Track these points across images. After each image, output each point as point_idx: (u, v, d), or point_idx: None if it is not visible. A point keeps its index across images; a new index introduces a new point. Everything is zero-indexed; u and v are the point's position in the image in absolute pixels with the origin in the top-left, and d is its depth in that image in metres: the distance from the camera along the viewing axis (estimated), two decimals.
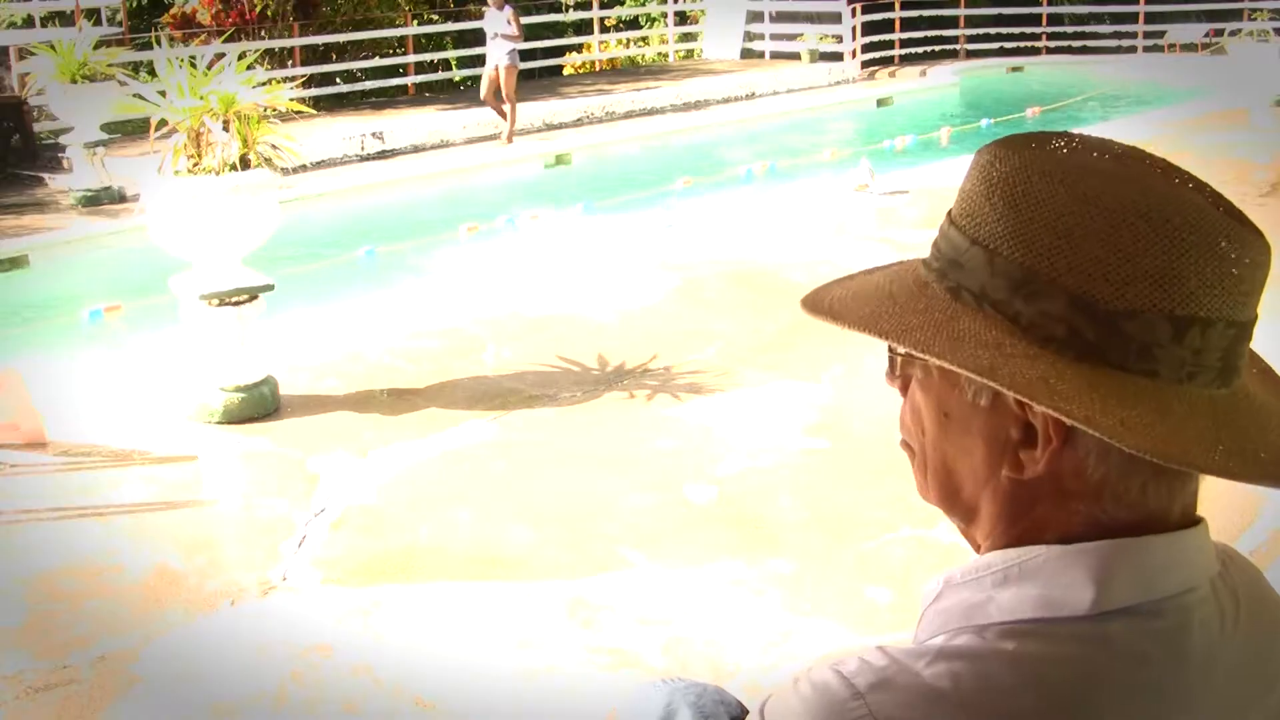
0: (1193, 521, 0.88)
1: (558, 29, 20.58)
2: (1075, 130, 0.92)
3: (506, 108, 13.97)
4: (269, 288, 5.89)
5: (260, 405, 5.83)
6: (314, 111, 11.89)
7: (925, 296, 0.89)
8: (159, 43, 7.93)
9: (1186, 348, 0.82)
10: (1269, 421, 0.86)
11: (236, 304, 5.77)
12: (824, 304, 0.94)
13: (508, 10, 13.78)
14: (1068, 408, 0.80)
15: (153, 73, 7.15)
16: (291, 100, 6.10)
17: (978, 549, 0.93)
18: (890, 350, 0.94)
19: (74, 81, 10.99)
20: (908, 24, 20.66)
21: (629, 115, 16.13)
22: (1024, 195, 0.85)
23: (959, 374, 0.87)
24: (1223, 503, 4.66)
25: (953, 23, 21.00)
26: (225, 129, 5.65)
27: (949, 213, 0.92)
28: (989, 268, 0.85)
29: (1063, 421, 0.82)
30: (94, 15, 15.05)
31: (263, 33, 16.23)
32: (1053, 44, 21.17)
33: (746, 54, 20.77)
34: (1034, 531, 0.88)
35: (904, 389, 0.96)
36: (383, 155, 13.58)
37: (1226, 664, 0.88)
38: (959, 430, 0.90)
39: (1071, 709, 0.82)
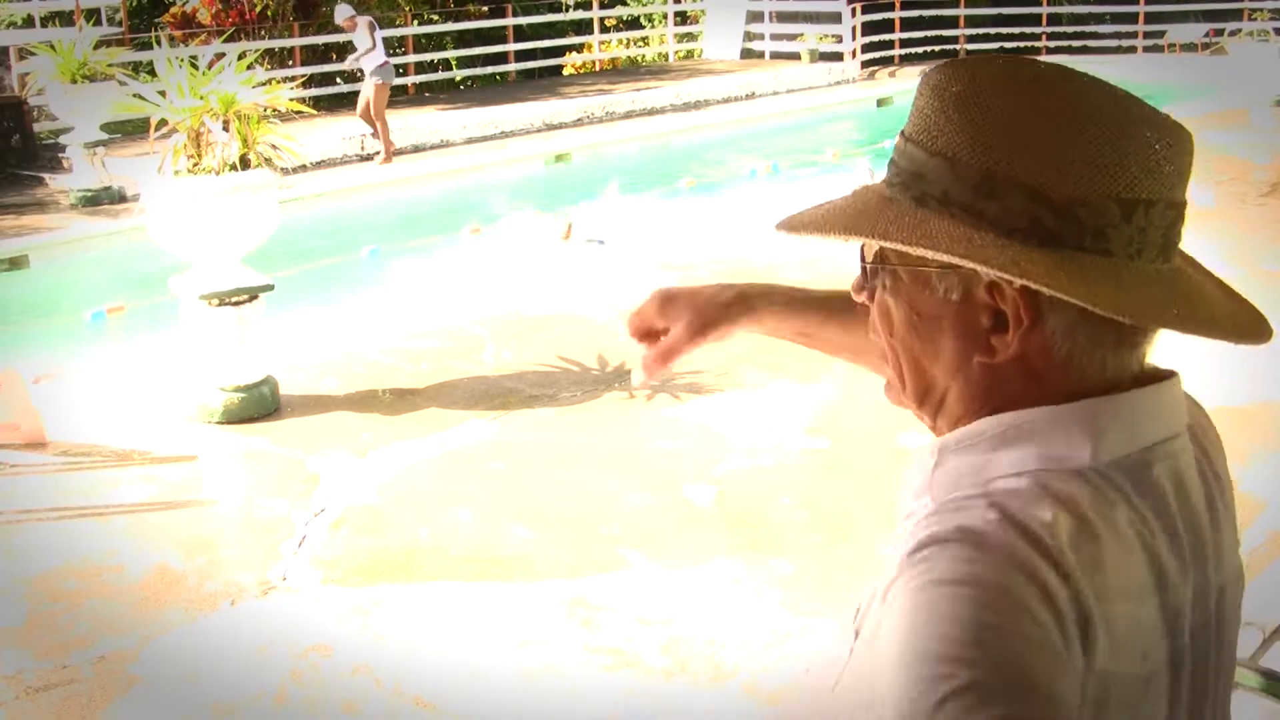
0: (1165, 375, 0.99)
1: (558, 29, 20.57)
2: None
3: (379, 128, 13.31)
4: (269, 288, 5.89)
5: (260, 405, 5.83)
6: (314, 111, 11.89)
7: (892, 207, 0.97)
8: (159, 43, 7.94)
9: (1134, 226, 0.92)
10: (1207, 292, 0.98)
11: (236, 304, 5.77)
12: (799, 224, 1.02)
13: (362, 25, 13.31)
14: (1042, 281, 0.89)
15: (153, 73, 7.15)
16: (291, 100, 6.10)
17: (940, 435, 1.01)
18: (862, 261, 1.02)
19: (74, 81, 11.00)
20: (908, 24, 20.66)
21: (629, 115, 16.13)
22: (977, 107, 0.94)
23: (929, 274, 0.96)
24: None
25: (953, 23, 20.99)
26: (225, 129, 5.65)
27: (902, 133, 1.00)
28: (951, 174, 0.94)
29: (1032, 303, 0.92)
30: (94, 15, 15.03)
31: (263, 33, 16.23)
32: (1053, 44, 21.16)
33: (746, 54, 20.76)
34: (1008, 405, 0.96)
35: (871, 297, 1.03)
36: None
37: (1198, 504, 0.99)
38: (930, 326, 0.98)
39: (1087, 533, 0.89)
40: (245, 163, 5.68)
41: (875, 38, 20.20)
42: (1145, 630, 0.92)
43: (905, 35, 20.59)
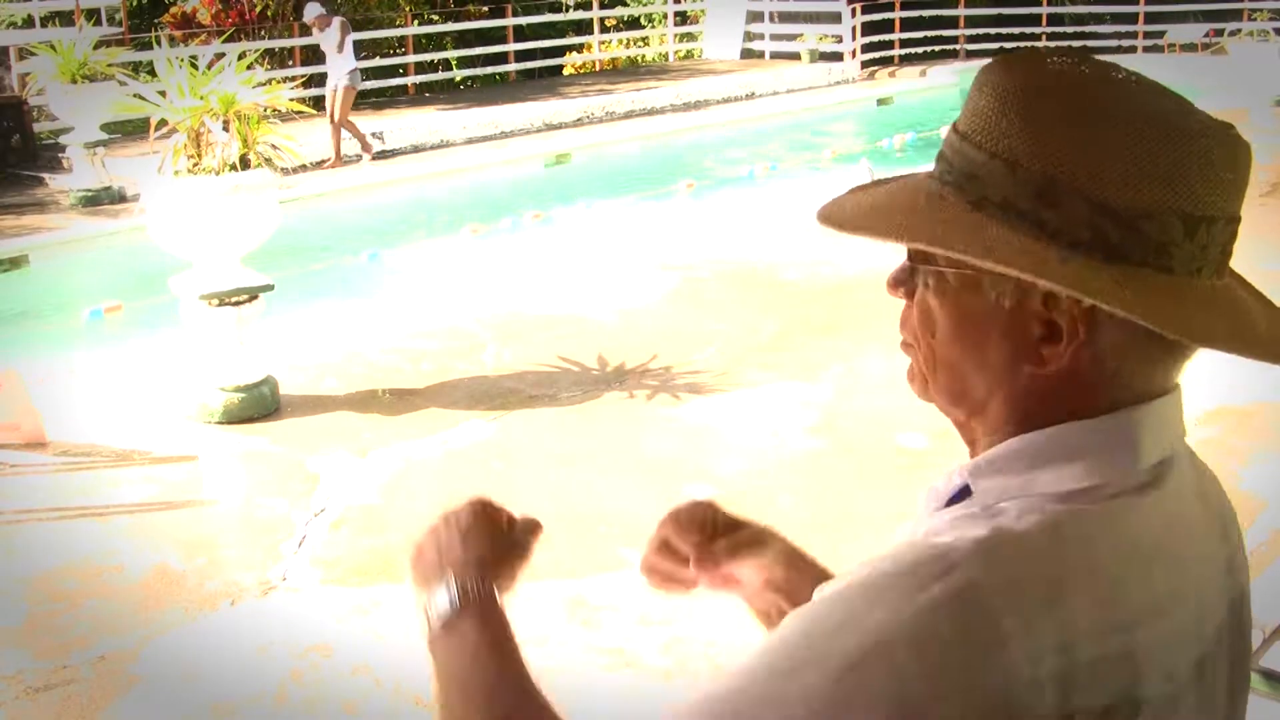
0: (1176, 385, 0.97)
1: (558, 29, 20.57)
2: None
3: (348, 131, 13.00)
4: (269, 288, 5.89)
5: (260, 405, 5.83)
6: (314, 111, 11.88)
7: (946, 207, 0.93)
8: (159, 43, 7.94)
9: (1196, 244, 0.90)
10: (1255, 309, 0.96)
11: (236, 304, 5.77)
12: (846, 219, 0.97)
13: (334, 25, 12.92)
14: (1110, 301, 0.86)
15: (153, 73, 7.14)
16: (291, 100, 6.10)
17: (974, 443, 0.98)
18: (910, 259, 0.97)
19: (74, 81, 10.99)
20: (908, 24, 20.65)
21: (629, 115, 16.12)
22: (1039, 108, 0.90)
23: (980, 279, 0.92)
24: None
25: (953, 23, 20.99)
26: (225, 129, 5.65)
27: (954, 127, 0.96)
28: (1011, 178, 0.90)
29: (1089, 317, 0.89)
30: (94, 15, 15.02)
31: (263, 33, 16.22)
32: (1053, 44, 21.12)
33: (746, 54, 20.75)
34: (1051, 415, 0.93)
35: (909, 295, 0.99)
36: (383, 155, 13.57)
37: (1209, 510, 0.99)
38: (977, 331, 0.94)
39: (1140, 554, 0.89)
40: (245, 163, 5.68)
41: (875, 38, 20.19)
42: (1174, 644, 0.90)
43: (905, 35, 20.58)
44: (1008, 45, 20.75)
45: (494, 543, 1.26)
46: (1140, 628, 0.87)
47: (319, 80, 16.15)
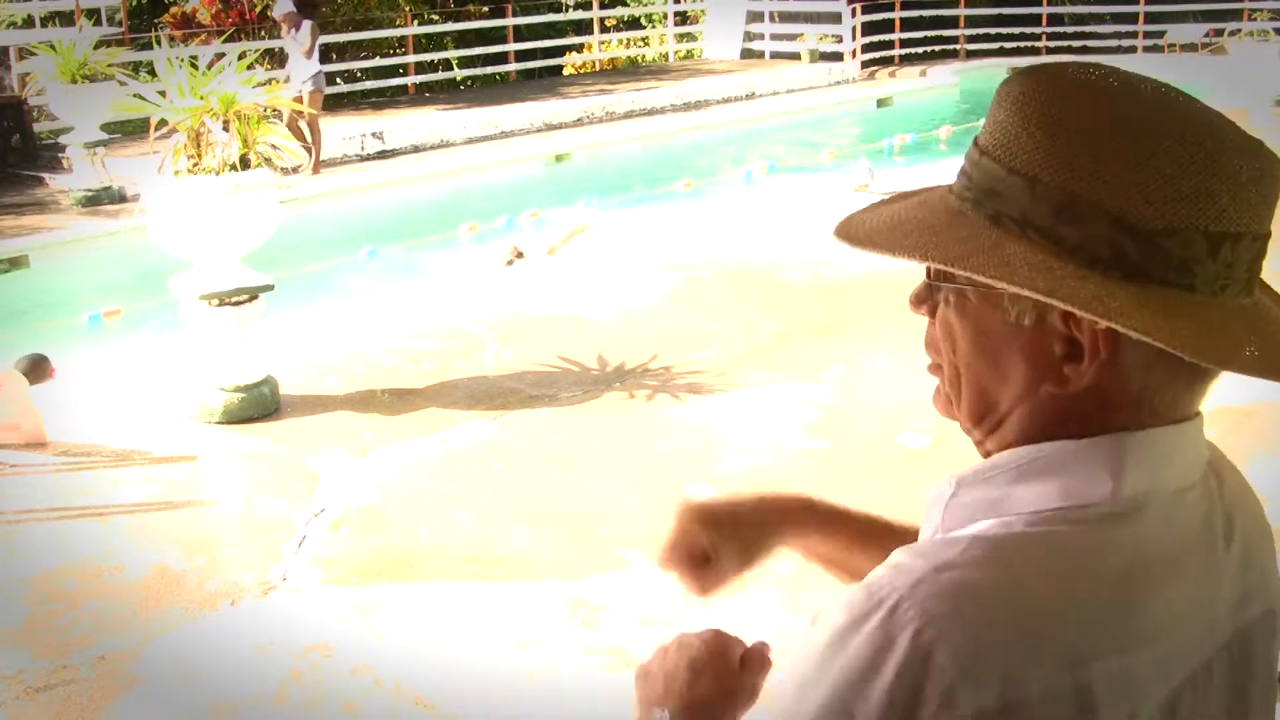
0: (1194, 413, 0.94)
1: (558, 29, 20.57)
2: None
3: (313, 136, 12.34)
4: (269, 288, 5.90)
5: (260, 405, 5.83)
6: (314, 111, 11.88)
7: (965, 224, 0.92)
8: (159, 43, 7.93)
9: (1220, 262, 0.87)
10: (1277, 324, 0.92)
11: (236, 304, 5.77)
12: (862, 236, 0.96)
13: (305, 28, 12.28)
14: (1127, 322, 0.84)
15: (153, 73, 7.14)
16: (291, 100, 6.10)
17: (986, 455, 0.97)
18: (929, 277, 0.96)
19: (74, 81, 10.99)
20: (908, 24, 20.64)
21: (629, 115, 16.12)
22: (1061, 122, 0.89)
23: (1000, 296, 0.91)
24: None
25: (953, 23, 20.98)
26: (225, 129, 5.65)
27: (976, 141, 0.95)
28: (1030, 194, 0.89)
29: (1110, 336, 0.87)
30: (94, 15, 15.01)
31: (263, 33, 16.22)
32: (1053, 44, 21.14)
33: (746, 54, 20.74)
34: (1071, 437, 0.91)
35: (931, 313, 0.98)
36: (383, 155, 13.57)
37: (1208, 553, 0.94)
38: (998, 349, 0.93)
39: (1101, 586, 0.87)
40: (245, 163, 5.68)
41: (875, 38, 20.19)
42: (1137, 681, 0.87)
43: (905, 35, 20.57)
44: (1007, 45, 20.76)
45: (722, 685, 1.18)
46: (1097, 662, 0.85)
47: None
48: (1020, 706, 0.82)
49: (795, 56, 19.65)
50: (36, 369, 6.23)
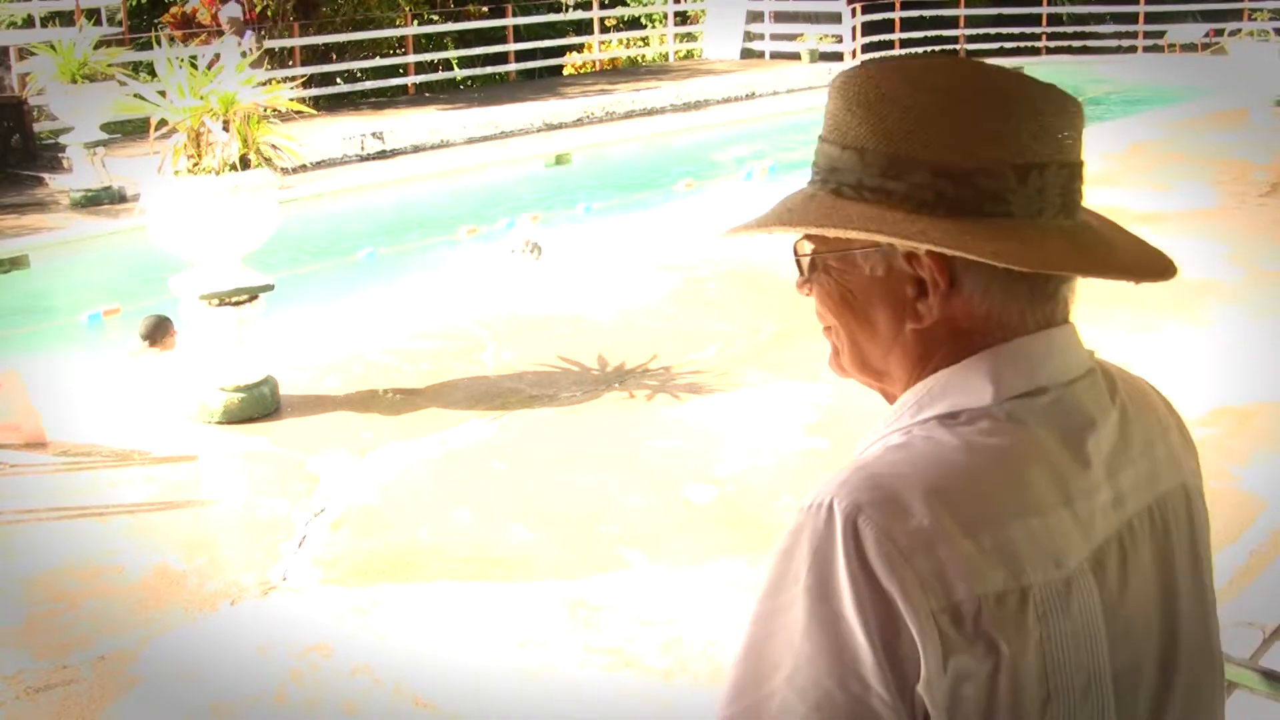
0: (1061, 322, 1.07)
1: (558, 29, 20.57)
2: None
3: None
4: (269, 288, 5.89)
5: (260, 405, 5.83)
6: (314, 111, 11.87)
7: (814, 201, 1.08)
8: (159, 43, 7.93)
9: (1031, 188, 1.02)
10: (1112, 242, 1.08)
11: (236, 304, 5.77)
12: (741, 226, 1.13)
13: (249, 38, 11.71)
14: (951, 246, 0.99)
15: (153, 73, 7.14)
16: (291, 100, 6.10)
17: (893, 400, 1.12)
18: (796, 255, 1.12)
19: (74, 81, 10.99)
20: (908, 24, 20.65)
21: (629, 115, 16.12)
22: (877, 99, 1.04)
23: (855, 256, 1.07)
24: (1222, 503, 4.66)
25: (953, 23, 20.98)
26: (225, 129, 5.65)
27: (820, 136, 1.10)
28: (861, 163, 1.04)
29: (946, 267, 1.03)
30: (94, 15, 15.02)
31: (263, 33, 16.22)
32: (1053, 44, 21.15)
33: (746, 54, 20.75)
34: (946, 363, 1.06)
35: (811, 291, 1.14)
36: (383, 155, 13.58)
37: (1107, 432, 1.08)
38: (864, 303, 1.09)
39: (1001, 462, 1.01)
40: (245, 163, 5.68)
41: (875, 38, 20.19)
42: (1057, 537, 1.00)
43: (905, 35, 20.58)
44: (1007, 45, 20.76)
45: None
46: (1013, 523, 0.98)
47: (319, 80, 16.19)
48: (959, 565, 0.95)
49: (795, 56, 19.65)
50: (159, 330, 6.27)
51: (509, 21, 18.75)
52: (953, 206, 1.01)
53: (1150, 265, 1.07)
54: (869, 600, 0.95)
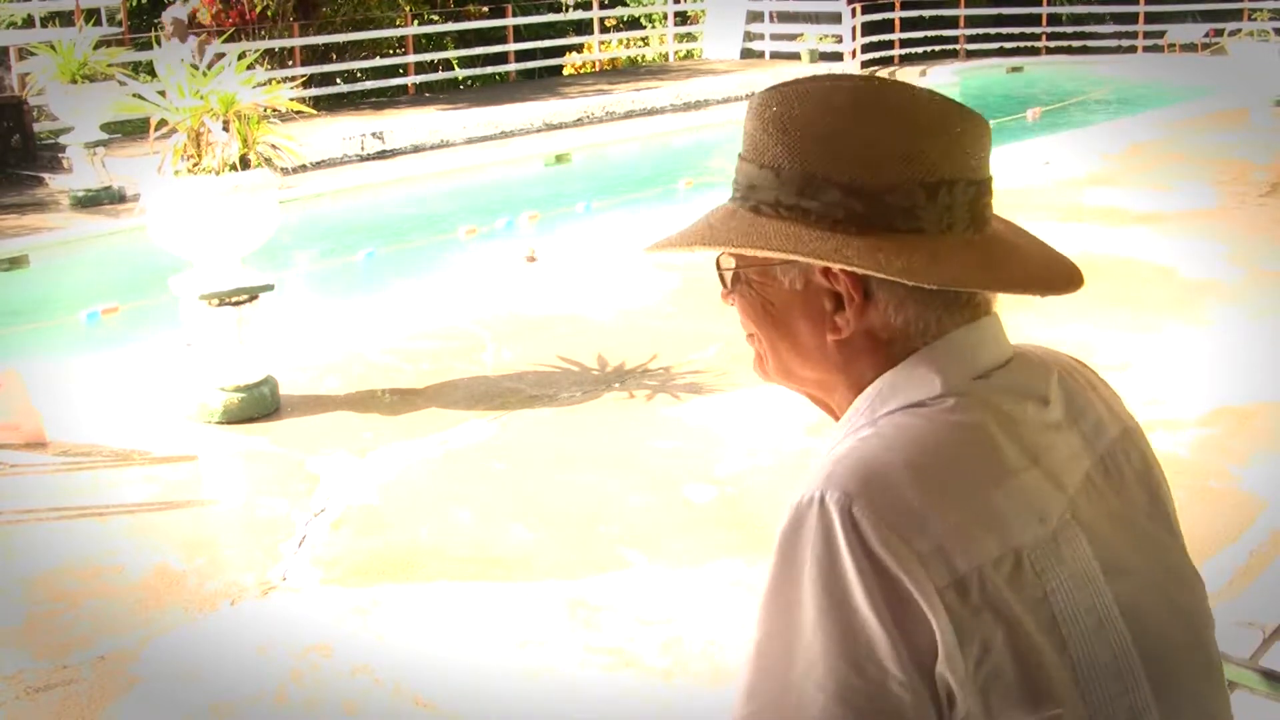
0: (984, 315, 1.12)
1: (558, 29, 20.57)
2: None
3: None
4: (269, 288, 5.89)
5: (260, 405, 5.83)
6: (314, 111, 11.87)
7: (734, 217, 1.12)
8: (159, 43, 7.93)
9: (940, 205, 1.06)
10: (1020, 253, 1.12)
11: (236, 304, 5.77)
12: (663, 242, 1.18)
13: (191, 43, 10.84)
14: (862, 263, 1.03)
15: (153, 73, 7.14)
16: (291, 100, 6.10)
17: (832, 411, 1.18)
18: (719, 269, 1.17)
19: (74, 81, 10.98)
20: (908, 24, 20.65)
21: (629, 115, 16.12)
22: (790, 120, 1.08)
23: (774, 270, 1.11)
24: (1222, 503, 4.66)
25: (953, 23, 20.99)
26: (225, 129, 5.65)
27: (739, 154, 1.14)
28: (777, 181, 1.08)
29: (859, 282, 1.07)
30: (94, 15, 15.01)
31: (263, 33, 16.22)
32: (1053, 44, 21.16)
33: (746, 54, 20.76)
34: (866, 370, 1.11)
35: (734, 302, 1.18)
36: (383, 155, 13.58)
37: (1054, 395, 1.13)
38: (784, 314, 1.13)
39: (969, 440, 1.05)
40: (245, 163, 5.68)
41: (875, 38, 20.20)
42: (1036, 495, 1.05)
43: (905, 35, 20.58)
44: (1007, 45, 20.77)
45: None
46: (994, 490, 1.03)
47: (319, 80, 16.19)
48: (955, 538, 0.99)
49: (795, 56, 19.66)
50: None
51: (509, 21, 18.75)
52: (865, 224, 1.05)
53: (1056, 277, 1.11)
54: (877, 586, 0.97)
